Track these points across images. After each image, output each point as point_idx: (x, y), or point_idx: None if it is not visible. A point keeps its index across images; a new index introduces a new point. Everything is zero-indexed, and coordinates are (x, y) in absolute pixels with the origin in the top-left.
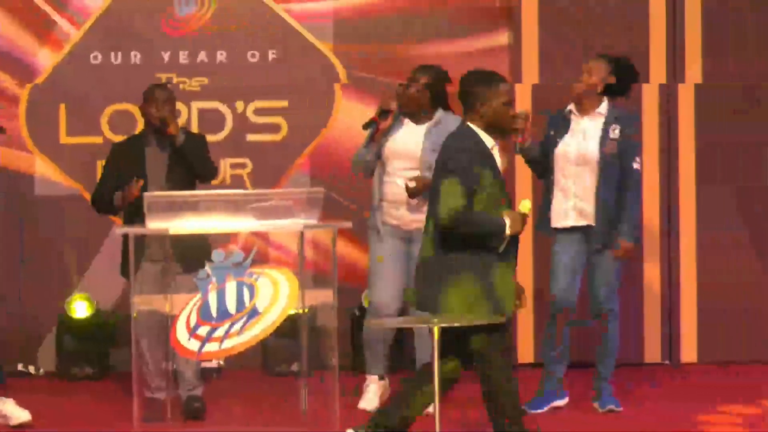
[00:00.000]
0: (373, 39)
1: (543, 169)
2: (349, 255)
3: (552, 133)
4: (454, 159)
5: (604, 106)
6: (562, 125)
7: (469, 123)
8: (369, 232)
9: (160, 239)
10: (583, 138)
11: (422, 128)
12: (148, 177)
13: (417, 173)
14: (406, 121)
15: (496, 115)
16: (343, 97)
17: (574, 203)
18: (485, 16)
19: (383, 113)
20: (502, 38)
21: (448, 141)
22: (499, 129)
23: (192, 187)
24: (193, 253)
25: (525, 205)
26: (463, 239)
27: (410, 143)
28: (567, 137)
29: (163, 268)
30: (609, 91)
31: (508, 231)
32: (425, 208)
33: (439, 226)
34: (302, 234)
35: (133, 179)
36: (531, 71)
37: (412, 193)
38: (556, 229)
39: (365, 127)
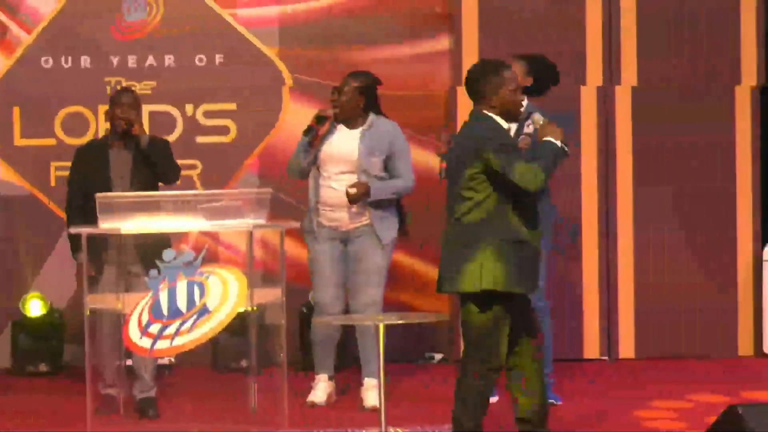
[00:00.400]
0: (317, 43)
1: None
2: (297, 254)
3: None
4: (488, 141)
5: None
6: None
7: (484, 111)
8: (304, 234)
9: (120, 240)
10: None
11: (356, 132)
12: (112, 179)
13: (352, 177)
14: (340, 126)
15: (506, 102)
16: (290, 99)
17: None
18: (427, 21)
19: (320, 119)
20: (444, 43)
21: (469, 132)
22: (510, 115)
23: (155, 189)
24: (155, 254)
25: (537, 120)
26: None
27: (345, 147)
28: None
29: (126, 268)
30: (526, 90)
31: (559, 143)
32: (361, 209)
33: (529, 194)
34: (251, 234)
35: (97, 182)
36: None
37: (353, 199)
38: None
39: (305, 133)
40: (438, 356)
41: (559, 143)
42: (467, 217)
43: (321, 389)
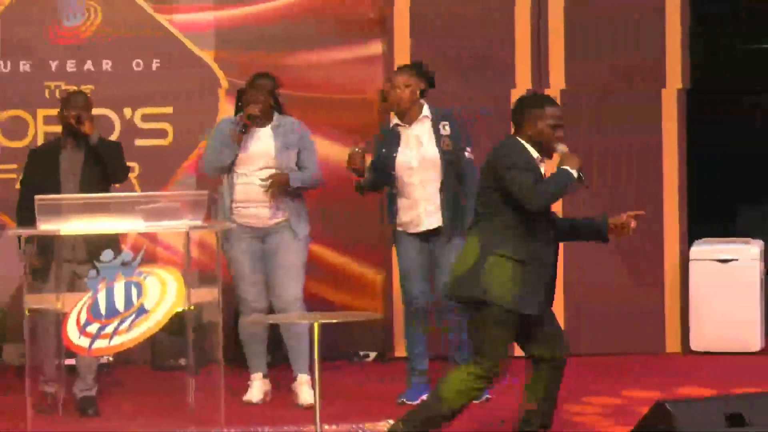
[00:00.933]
0: (252, 48)
1: (382, 184)
2: None
3: (384, 150)
4: (511, 157)
5: (426, 109)
6: (392, 140)
7: (516, 137)
8: (219, 234)
9: (72, 241)
10: (419, 144)
11: (267, 130)
12: (62, 179)
13: (270, 172)
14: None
15: (541, 135)
16: (226, 103)
17: (425, 208)
18: (360, 26)
19: (251, 118)
20: (376, 47)
21: (493, 151)
22: (543, 148)
23: (107, 189)
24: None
25: (561, 150)
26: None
27: (261, 145)
28: (402, 148)
29: (70, 268)
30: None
31: (575, 172)
32: (277, 206)
33: (532, 214)
34: (188, 234)
35: (48, 183)
36: None
37: (273, 184)
38: (405, 233)
39: (242, 131)
40: (372, 354)
41: (575, 172)
42: (476, 229)
43: (256, 388)
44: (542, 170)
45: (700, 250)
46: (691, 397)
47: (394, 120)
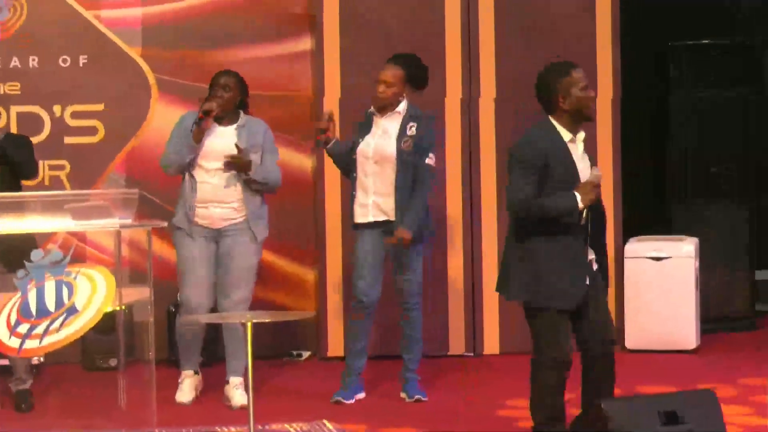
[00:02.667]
0: (181, 44)
1: (343, 162)
2: (165, 253)
3: (358, 134)
4: (519, 152)
5: (402, 106)
6: (365, 126)
7: (550, 118)
8: (175, 232)
9: None
10: (383, 136)
11: (231, 129)
12: None
13: (230, 173)
14: (213, 124)
15: (579, 102)
16: (156, 100)
17: (373, 200)
18: (289, 21)
19: (206, 113)
20: (307, 44)
21: (523, 136)
22: (583, 116)
23: (17, 186)
24: (18, 253)
25: (594, 173)
26: (539, 223)
27: (224, 144)
28: (368, 137)
29: None
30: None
31: (580, 204)
32: (237, 206)
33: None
34: (119, 233)
35: None
36: (333, 75)
37: (234, 159)
38: (359, 225)
39: (196, 124)
40: (306, 354)
41: (578, 204)
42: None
43: (187, 386)
44: (580, 148)
45: (635, 247)
46: (626, 396)
47: (372, 108)
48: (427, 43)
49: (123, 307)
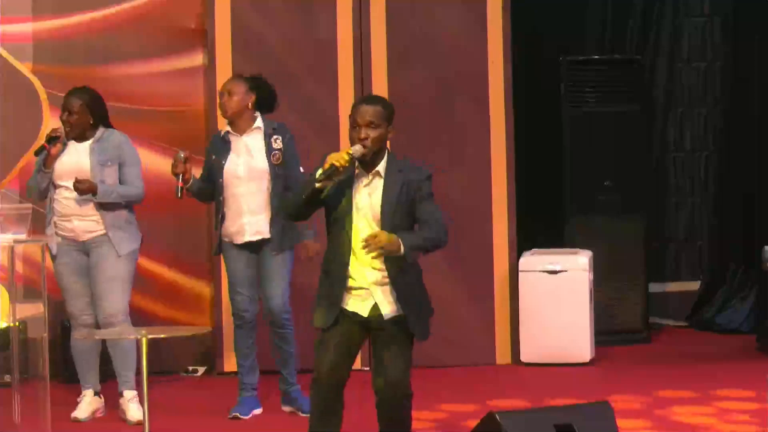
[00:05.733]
0: (72, 60)
1: (209, 192)
2: None
3: (214, 157)
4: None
5: (259, 121)
6: (222, 147)
7: None
8: (47, 248)
9: None
10: (249, 153)
11: (86, 145)
12: None
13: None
14: (71, 141)
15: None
16: (48, 116)
17: (248, 219)
18: (182, 37)
19: (51, 140)
20: (199, 59)
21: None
22: None
23: None
24: None
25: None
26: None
27: (76, 161)
28: (233, 156)
29: None
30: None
31: (325, 165)
32: (97, 219)
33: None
34: (12, 248)
35: None
36: None
37: (78, 188)
38: (233, 246)
39: (36, 153)
40: (201, 369)
41: (322, 167)
42: None
43: (85, 403)
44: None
45: (529, 260)
46: (521, 409)
47: (227, 128)
48: (320, 59)
49: (17, 323)
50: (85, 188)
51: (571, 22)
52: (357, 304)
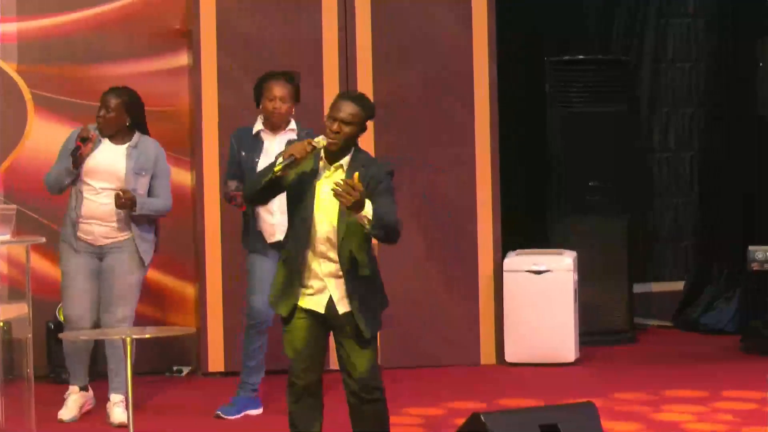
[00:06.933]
0: (58, 60)
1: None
2: (43, 269)
3: (244, 153)
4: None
5: (293, 123)
6: (254, 145)
7: None
8: (61, 245)
9: None
10: None
11: (122, 148)
12: None
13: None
14: (105, 140)
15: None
16: (34, 116)
17: (278, 220)
18: (167, 37)
19: (84, 140)
20: (184, 59)
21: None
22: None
23: None
24: None
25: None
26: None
27: (112, 163)
28: (264, 156)
29: None
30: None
31: (285, 155)
32: (118, 226)
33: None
34: None
35: None
36: (211, 91)
37: (120, 205)
38: (271, 245)
39: (72, 154)
40: (186, 369)
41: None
42: None
43: (72, 402)
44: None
45: (514, 261)
46: (506, 409)
47: (258, 126)
48: (305, 59)
49: (1, 323)
50: (126, 203)
51: (557, 23)
52: (313, 300)
